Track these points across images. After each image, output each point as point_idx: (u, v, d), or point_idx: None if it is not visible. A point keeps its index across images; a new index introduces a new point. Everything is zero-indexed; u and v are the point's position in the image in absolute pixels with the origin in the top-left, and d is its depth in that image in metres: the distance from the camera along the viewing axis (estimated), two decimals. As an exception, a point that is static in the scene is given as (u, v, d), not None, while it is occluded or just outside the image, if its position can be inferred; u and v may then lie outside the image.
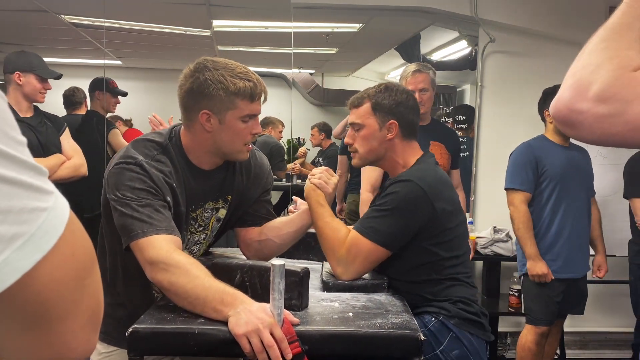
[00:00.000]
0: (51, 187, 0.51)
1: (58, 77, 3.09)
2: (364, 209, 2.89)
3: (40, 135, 2.99)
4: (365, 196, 2.96)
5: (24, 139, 0.51)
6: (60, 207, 0.51)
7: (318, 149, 5.62)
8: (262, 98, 1.62)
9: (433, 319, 1.75)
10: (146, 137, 1.66)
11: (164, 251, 1.44)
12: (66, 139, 3.13)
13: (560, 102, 0.80)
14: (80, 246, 0.53)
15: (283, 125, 5.35)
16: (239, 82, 1.55)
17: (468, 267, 1.90)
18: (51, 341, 0.52)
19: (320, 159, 5.47)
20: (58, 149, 3.06)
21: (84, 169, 3.09)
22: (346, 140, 1.98)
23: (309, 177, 1.86)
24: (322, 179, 1.81)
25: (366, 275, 1.80)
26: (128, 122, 5.21)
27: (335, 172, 1.89)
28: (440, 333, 1.74)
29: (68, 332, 0.53)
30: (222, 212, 1.79)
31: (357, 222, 1.84)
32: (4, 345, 0.51)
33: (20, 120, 2.92)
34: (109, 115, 4.44)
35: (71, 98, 4.28)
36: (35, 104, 3.07)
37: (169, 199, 1.56)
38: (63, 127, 3.15)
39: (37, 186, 0.49)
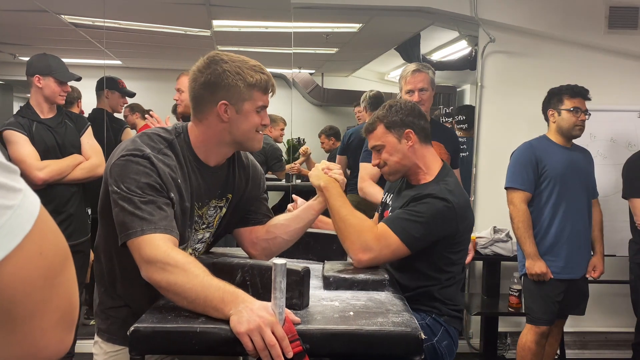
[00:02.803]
0: (20, 184, 0.50)
1: (77, 79, 3.13)
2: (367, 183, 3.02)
3: (58, 135, 3.02)
4: (362, 184, 3.09)
5: None
6: (28, 205, 0.50)
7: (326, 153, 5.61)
8: (272, 92, 1.67)
9: (427, 316, 2.00)
10: (153, 131, 1.65)
11: (162, 250, 1.42)
12: (87, 139, 3.15)
13: None
14: (50, 244, 0.52)
15: (284, 122, 5.34)
16: (255, 74, 1.60)
17: (463, 262, 2.14)
18: (18, 340, 0.51)
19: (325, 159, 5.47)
20: (76, 149, 3.08)
21: (100, 170, 3.08)
22: (373, 163, 2.17)
23: (323, 170, 1.94)
24: (341, 174, 1.94)
25: (367, 272, 1.84)
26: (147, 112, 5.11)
27: None
28: (435, 327, 2.00)
29: (37, 330, 0.52)
30: (224, 211, 1.80)
31: (388, 218, 2.01)
32: None
33: (39, 122, 2.97)
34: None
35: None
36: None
37: (172, 195, 1.54)
38: (85, 127, 3.17)
39: (2, 184, 0.48)
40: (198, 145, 1.66)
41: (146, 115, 3.10)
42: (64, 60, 3.14)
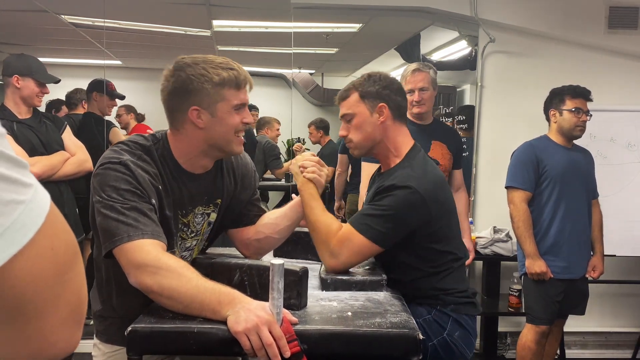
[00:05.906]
0: (31, 179, 0.49)
1: (57, 81, 3.09)
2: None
3: (41, 134, 3.00)
4: (364, 193, 2.96)
5: (2, 130, 0.49)
6: (39, 200, 0.49)
7: (318, 147, 5.61)
8: (248, 86, 1.61)
9: (432, 309, 1.88)
10: (130, 139, 1.62)
11: (152, 255, 1.39)
12: (68, 136, 3.14)
13: None
14: (61, 240, 0.52)
15: (279, 123, 5.36)
16: (222, 72, 1.54)
17: (461, 250, 1.98)
18: (29, 335, 0.51)
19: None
20: (60, 147, 3.07)
21: (88, 164, 3.09)
22: (340, 132, 2.03)
23: (299, 168, 1.86)
24: (316, 172, 1.84)
25: (365, 273, 1.82)
26: (140, 116, 5.15)
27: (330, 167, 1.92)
28: (442, 319, 1.87)
29: (47, 326, 0.52)
30: (213, 216, 1.77)
31: (353, 216, 1.88)
32: None
33: (19, 122, 2.95)
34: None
35: (69, 99, 4.32)
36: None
37: (154, 201, 1.51)
38: (63, 125, 3.17)
39: (14, 178, 0.47)
40: (180, 155, 1.62)
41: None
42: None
